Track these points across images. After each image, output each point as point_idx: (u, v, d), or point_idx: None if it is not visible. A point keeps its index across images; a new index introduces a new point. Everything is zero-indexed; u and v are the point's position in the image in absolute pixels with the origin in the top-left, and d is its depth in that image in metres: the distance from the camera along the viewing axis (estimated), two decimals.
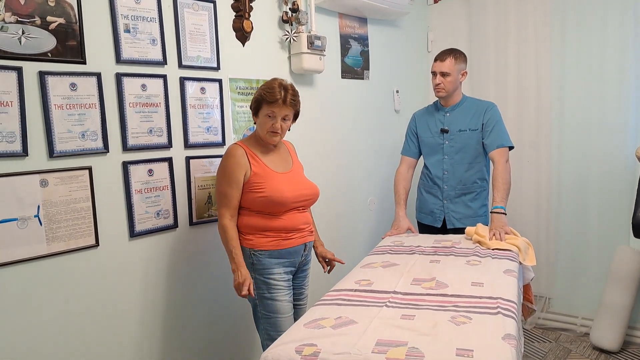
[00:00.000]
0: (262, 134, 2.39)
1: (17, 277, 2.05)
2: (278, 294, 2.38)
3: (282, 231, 2.38)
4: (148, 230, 2.47)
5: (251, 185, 2.33)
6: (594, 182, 3.59)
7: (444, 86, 3.03)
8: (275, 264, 2.38)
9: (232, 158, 2.33)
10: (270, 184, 2.34)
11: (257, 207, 2.35)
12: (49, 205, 2.11)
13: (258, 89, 2.39)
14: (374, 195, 3.90)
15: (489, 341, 1.59)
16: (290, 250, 2.42)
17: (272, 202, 2.33)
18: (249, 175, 2.33)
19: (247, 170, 2.33)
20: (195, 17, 2.62)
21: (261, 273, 2.37)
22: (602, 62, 3.47)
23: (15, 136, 2.00)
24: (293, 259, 2.45)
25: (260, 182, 2.33)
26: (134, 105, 2.38)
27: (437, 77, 3.03)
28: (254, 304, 2.43)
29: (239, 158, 2.33)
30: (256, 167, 2.35)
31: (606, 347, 3.38)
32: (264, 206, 2.34)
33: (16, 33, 1.99)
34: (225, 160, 2.35)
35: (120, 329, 2.40)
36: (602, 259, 3.57)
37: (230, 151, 2.35)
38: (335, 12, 3.48)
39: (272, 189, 2.33)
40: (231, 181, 2.32)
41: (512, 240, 2.67)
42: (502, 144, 2.97)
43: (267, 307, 2.37)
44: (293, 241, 2.43)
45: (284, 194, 2.35)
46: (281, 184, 2.37)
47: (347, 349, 1.57)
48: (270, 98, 2.30)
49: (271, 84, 2.34)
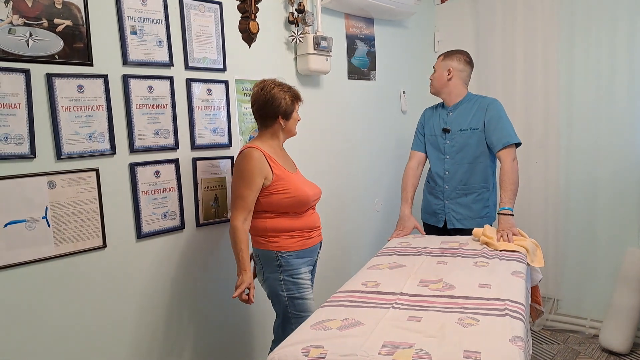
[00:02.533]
0: (294, 132, 2.51)
1: (25, 279, 2.05)
2: (306, 292, 2.43)
3: (305, 230, 2.44)
4: (155, 232, 2.48)
5: (275, 188, 2.35)
6: (602, 182, 3.57)
7: (431, 82, 3.12)
8: (301, 263, 2.43)
9: (252, 161, 2.31)
10: (292, 184, 2.38)
11: (282, 208, 2.38)
12: (57, 206, 2.12)
13: (274, 98, 2.35)
14: (380, 196, 3.90)
15: (497, 343, 1.58)
16: (312, 248, 2.49)
17: (299, 202, 2.38)
18: (270, 178, 2.34)
19: (268, 174, 2.33)
20: (202, 18, 2.62)
21: (290, 274, 2.39)
22: (611, 60, 3.46)
23: (23, 138, 2.01)
24: (313, 257, 2.52)
25: (284, 184, 2.36)
26: (141, 107, 2.39)
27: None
28: (283, 306, 2.43)
29: (259, 161, 2.32)
30: (276, 169, 2.37)
31: (615, 349, 3.36)
32: (290, 207, 2.38)
33: (24, 35, 1.99)
34: (244, 163, 2.33)
35: (127, 330, 2.40)
36: (611, 260, 3.55)
37: (250, 154, 2.32)
38: (341, 12, 3.47)
39: (295, 189, 2.38)
40: (251, 184, 2.31)
41: (520, 241, 2.66)
42: (508, 142, 2.93)
43: (298, 306, 2.41)
44: (314, 239, 2.50)
45: (307, 193, 2.41)
46: (300, 184, 2.43)
47: (354, 351, 1.57)
48: (298, 94, 2.45)
49: (281, 85, 2.40)
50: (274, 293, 2.44)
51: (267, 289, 2.49)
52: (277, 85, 2.38)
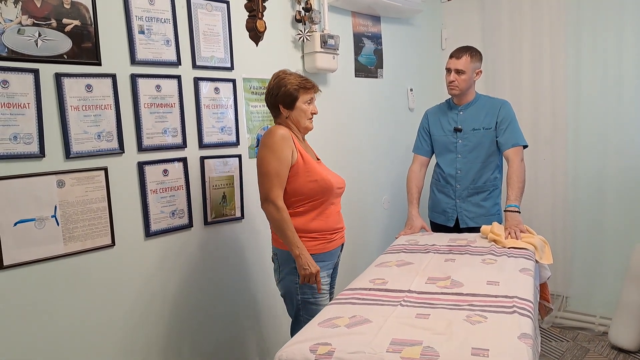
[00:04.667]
0: (304, 123, 2.35)
1: (35, 277, 2.07)
2: (321, 297, 2.35)
3: (327, 232, 2.36)
4: (163, 230, 2.49)
5: (299, 170, 2.26)
6: (610, 179, 3.55)
7: (457, 84, 3.00)
8: (320, 267, 2.31)
9: (279, 136, 2.22)
10: (315, 170, 2.29)
11: (307, 195, 2.28)
12: (66, 205, 2.14)
13: (277, 85, 2.30)
14: (387, 194, 3.89)
15: (505, 340, 1.58)
16: (333, 252, 2.41)
17: (322, 188, 2.29)
18: (296, 157, 2.25)
19: (293, 151, 2.24)
20: (209, 17, 2.63)
21: None
22: (619, 56, 3.43)
23: (32, 137, 2.02)
24: (333, 260, 2.44)
25: (308, 168, 2.27)
26: (149, 106, 2.40)
27: (451, 74, 3.00)
28: (296, 309, 2.38)
29: (286, 138, 2.23)
30: (301, 151, 2.29)
31: (625, 346, 3.34)
32: (315, 193, 2.29)
33: (33, 35, 2.01)
34: (270, 138, 2.22)
35: (135, 327, 2.41)
36: (620, 257, 3.53)
37: (276, 130, 2.24)
38: (348, 10, 3.47)
39: (318, 174, 2.29)
40: (282, 159, 2.20)
41: (528, 238, 2.65)
42: (517, 143, 2.94)
43: (311, 311, 2.29)
44: (335, 242, 2.41)
45: (331, 180, 2.33)
46: (323, 171, 2.34)
47: (362, 348, 1.57)
48: (308, 85, 2.31)
49: (292, 74, 2.33)
50: (289, 295, 2.37)
51: (282, 290, 2.42)
52: (286, 74, 2.32)
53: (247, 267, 2.88)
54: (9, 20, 1.95)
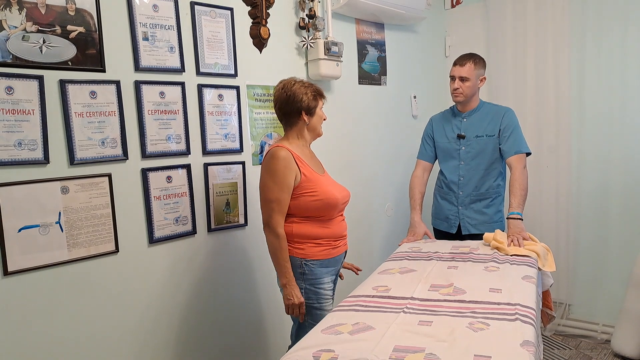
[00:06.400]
0: (319, 131, 2.44)
1: (39, 283, 2.08)
2: (326, 303, 2.37)
3: (331, 239, 2.37)
4: (167, 237, 2.49)
5: (303, 190, 2.28)
6: (614, 186, 3.55)
7: (462, 91, 3.00)
8: (325, 273, 2.36)
9: (281, 160, 2.23)
10: (320, 187, 2.30)
11: (311, 212, 2.31)
12: (70, 211, 2.14)
13: (297, 93, 2.29)
14: (391, 201, 3.89)
15: (507, 348, 1.58)
16: (337, 258, 2.43)
17: (327, 206, 2.31)
18: (299, 179, 2.26)
19: (296, 174, 2.26)
20: (213, 24, 2.64)
21: (312, 283, 2.34)
22: (623, 64, 3.44)
23: (36, 144, 2.03)
24: (337, 266, 2.46)
25: (312, 186, 2.29)
26: (153, 113, 2.41)
27: (455, 82, 3.01)
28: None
29: (288, 161, 2.24)
30: (304, 169, 2.29)
31: (628, 354, 3.33)
32: (319, 210, 2.31)
33: (37, 42, 2.02)
34: (272, 163, 2.24)
35: (139, 334, 2.42)
36: (623, 264, 3.52)
37: (277, 153, 2.24)
38: (352, 17, 3.48)
39: (323, 191, 2.30)
40: (283, 185, 2.23)
41: (530, 246, 2.65)
42: (520, 150, 2.94)
43: (315, 317, 2.31)
44: (339, 249, 2.43)
45: (336, 196, 2.33)
46: (328, 187, 2.35)
47: (365, 355, 1.57)
48: (320, 91, 2.38)
49: (302, 82, 2.35)
50: None
51: None
52: (297, 82, 2.34)
53: (250, 273, 2.88)
54: (13, 26, 1.96)
